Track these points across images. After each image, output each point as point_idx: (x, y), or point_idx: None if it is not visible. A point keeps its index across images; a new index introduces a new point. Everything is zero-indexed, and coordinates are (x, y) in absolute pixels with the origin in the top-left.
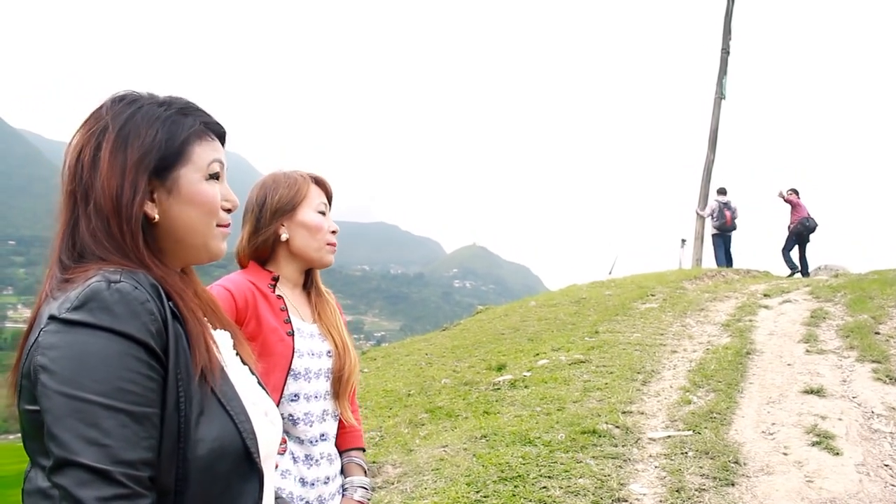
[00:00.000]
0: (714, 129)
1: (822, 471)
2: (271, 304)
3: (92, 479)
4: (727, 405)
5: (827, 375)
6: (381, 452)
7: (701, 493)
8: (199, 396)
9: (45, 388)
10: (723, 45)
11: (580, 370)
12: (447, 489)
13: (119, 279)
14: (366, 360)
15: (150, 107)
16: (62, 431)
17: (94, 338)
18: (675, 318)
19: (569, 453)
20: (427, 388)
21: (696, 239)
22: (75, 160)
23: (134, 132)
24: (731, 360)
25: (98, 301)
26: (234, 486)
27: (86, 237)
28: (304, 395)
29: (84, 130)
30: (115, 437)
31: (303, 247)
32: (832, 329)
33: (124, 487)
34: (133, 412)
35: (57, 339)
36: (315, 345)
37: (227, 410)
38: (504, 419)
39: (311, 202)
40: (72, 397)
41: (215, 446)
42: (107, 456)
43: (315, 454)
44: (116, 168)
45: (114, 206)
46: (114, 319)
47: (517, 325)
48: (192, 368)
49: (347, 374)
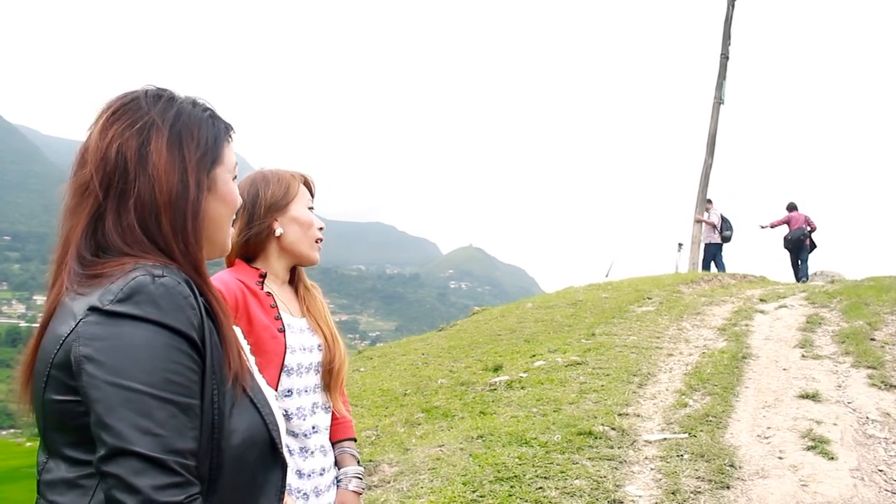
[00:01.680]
0: (712, 134)
1: (816, 475)
2: (261, 302)
3: (147, 467)
4: (723, 409)
5: (822, 380)
6: (377, 451)
7: (696, 495)
8: (231, 390)
9: (92, 379)
10: (722, 50)
11: (576, 372)
12: (444, 489)
13: (162, 273)
14: (362, 360)
15: (188, 106)
16: (116, 421)
17: (140, 329)
18: (672, 321)
19: (565, 454)
20: (423, 388)
21: (692, 243)
22: (114, 153)
23: (186, 130)
24: (727, 364)
25: (144, 294)
26: (260, 476)
27: (112, 233)
28: (296, 390)
29: (120, 124)
30: (167, 426)
31: (295, 242)
32: (828, 335)
33: (178, 476)
34: (181, 403)
35: (101, 330)
36: (306, 339)
37: (255, 403)
38: (500, 420)
39: (301, 199)
40: (123, 387)
41: (246, 437)
42: (160, 445)
43: (310, 446)
44: (175, 164)
45: (170, 200)
46: (160, 312)
47: (514, 327)
48: (225, 367)
49: (338, 367)
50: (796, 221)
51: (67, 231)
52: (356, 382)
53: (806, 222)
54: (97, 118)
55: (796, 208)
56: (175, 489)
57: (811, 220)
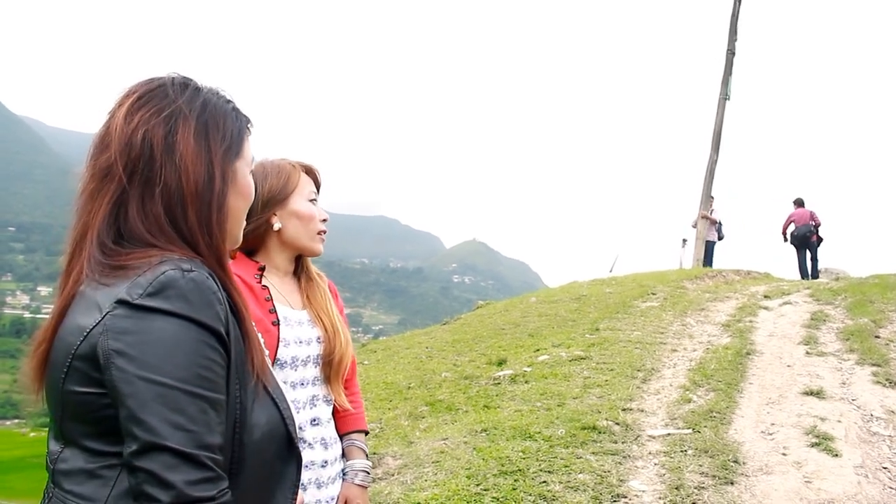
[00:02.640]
0: (718, 130)
1: (820, 472)
2: (256, 295)
3: (179, 462)
4: (727, 405)
5: (827, 378)
6: (381, 444)
7: (700, 490)
8: (252, 385)
9: (123, 374)
10: (728, 46)
11: (580, 367)
12: (447, 482)
13: (191, 268)
14: (366, 353)
15: (212, 97)
16: (148, 416)
17: (171, 325)
18: (676, 317)
19: (569, 449)
20: (427, 382)
21: (697, 239)
22: (140, 139)
23: (213, 121)
24: (731, 360)
25: (175, 289)
26: (277, 469)
27: (136, 221)
28: (290, 382)
29: (146, 111)
30: (198, 422)
31: (294, 236)
32: (832, 332)
33: (210, 471)
34: (210, 398)
35: (130, 325)
36: (303, 332)
37: (273, 397)
38: (504, 413)
39: (302, 191)
40: (156, 382)
41: (266, 431)
42: (193, 441)
43: (308, 438)
44: (202, 155)
45: (197, 192)
46: (190, 307)
47: (518, 321)
48: (248, 363)
49: (338, 358)
50: (801, 218)
51: (86, 215)
52: (360, 375)
53: (811, 218)
54: (120, 102)
55: (803, 204)
56: (207, 484)
57: (816, 216)
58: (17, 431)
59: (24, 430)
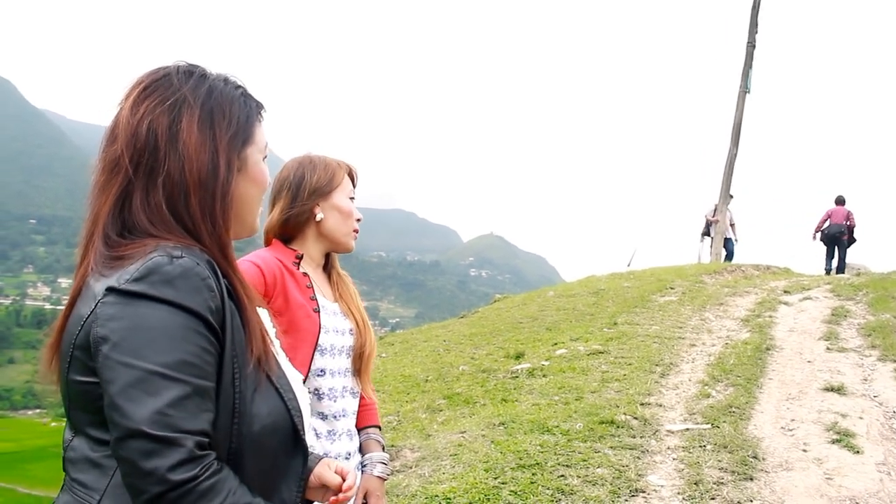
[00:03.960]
0: (738, 123)
1: (841, 468)
2: (298, 281)
3: (157, 448)
4: (746, 400)
5: (848, 374)
6: (398, 437)
7: (719, 486)
8: (253, 375)
9: (106, 360)
10: (749, 39)
11: (598, 361)
12: (465, 475)
13: (181, 255)
14: (383, 346)
15: (219, 83)
16: (125, 402)
17: (155, 310)
18: (694, 311)
19: (587, 443)
20: (445, 375)
21: (715, 234)
22: (145, 130)
23: (218, 109)
24: (750, 356)
25: (160, 274)
26: (281, 462)
27: (139, 212)
28: (329, 370)
29: (151, 101)
30: (177, 407)
31: (333, 229)
32: (853, 327)
33: (189, 451)
34: (194, 384)
35: (116, 311)
36: (339, 322)
37: (278, 388)
38: (522, 407)
39: (344, 188)
40: (135, 368)
41: (267, 423)
42: (170, 426)
43: (338, 429)
44: (206, 144)
45: (200, 180)
46: (176, 293)
47: (535, 315)
48: (247, 351)
49: (368, 352)
50: (837, 216)
51: (97, 208)
52: (377, 368)
53: (847, 218)
54: (128, 93)
55: (843, 202)
56: (189, 464)
57: (852, 217)
58: (38, 421)
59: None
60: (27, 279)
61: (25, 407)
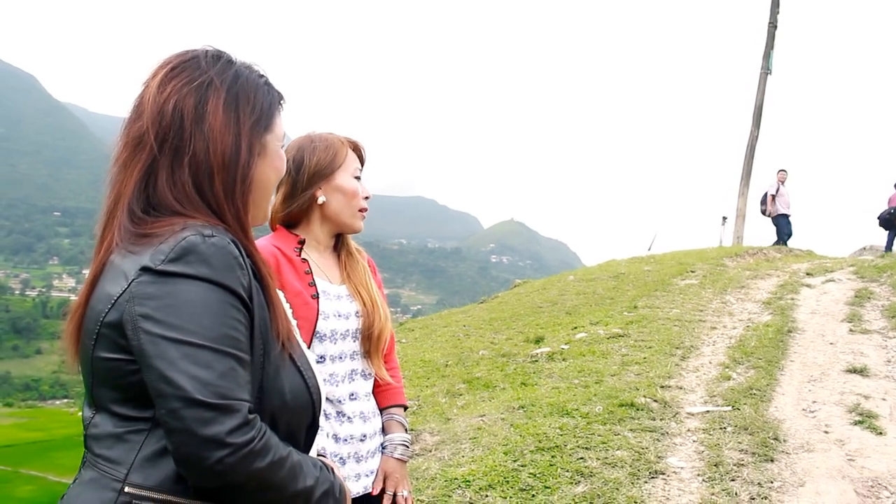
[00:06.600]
0: (759, 105)
1: (864, 450)
2: (295, 268)
3: (215, 415)
4: (767, 382)
5: (871, 355)
6: (418, 420)
7: (739, 467)
8: (276, 351)
9: (150, 336)
10: (770, 19)
11: (618, 344)
12: (484, 457)
13: (211, 234)
14: (404, 331)
15: (244, 70)
16: (177, 374)
17: (195, 287)
18: (716, 294)
19: (606, 425)
20: (465, 359)
21: (737, 217)
22: (171, 109)
23: (243, 94)
24: (771, 338)
25: (196, 254)
26: (301, 438)
27: (165, 190)
28: (329, 356)
29: (178, 81)
30: (227, 378)
31: (337, 211)
32: (877, 309)
33: (244, 417)
34: (238, 356)
35: (155, 290)
36: (343, 306)
37: (298, 366)
38: (542, 391)
39: (348, 167)
40: (182, 342)
41: (288, 398)
42: (223, 395)
43: (347, 412)
44: (230, 126)
45: (224, 162)
46: (212, 271)
47: (555, 299)
48: (271, 329)
49: (378, 332)
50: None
51: (119, 184)
52: (398, 353)
53: None
54: (154, 73)
55: None
56: (245, 427)
57: None
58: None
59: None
60: (52, 271)
61: (53, 397)
